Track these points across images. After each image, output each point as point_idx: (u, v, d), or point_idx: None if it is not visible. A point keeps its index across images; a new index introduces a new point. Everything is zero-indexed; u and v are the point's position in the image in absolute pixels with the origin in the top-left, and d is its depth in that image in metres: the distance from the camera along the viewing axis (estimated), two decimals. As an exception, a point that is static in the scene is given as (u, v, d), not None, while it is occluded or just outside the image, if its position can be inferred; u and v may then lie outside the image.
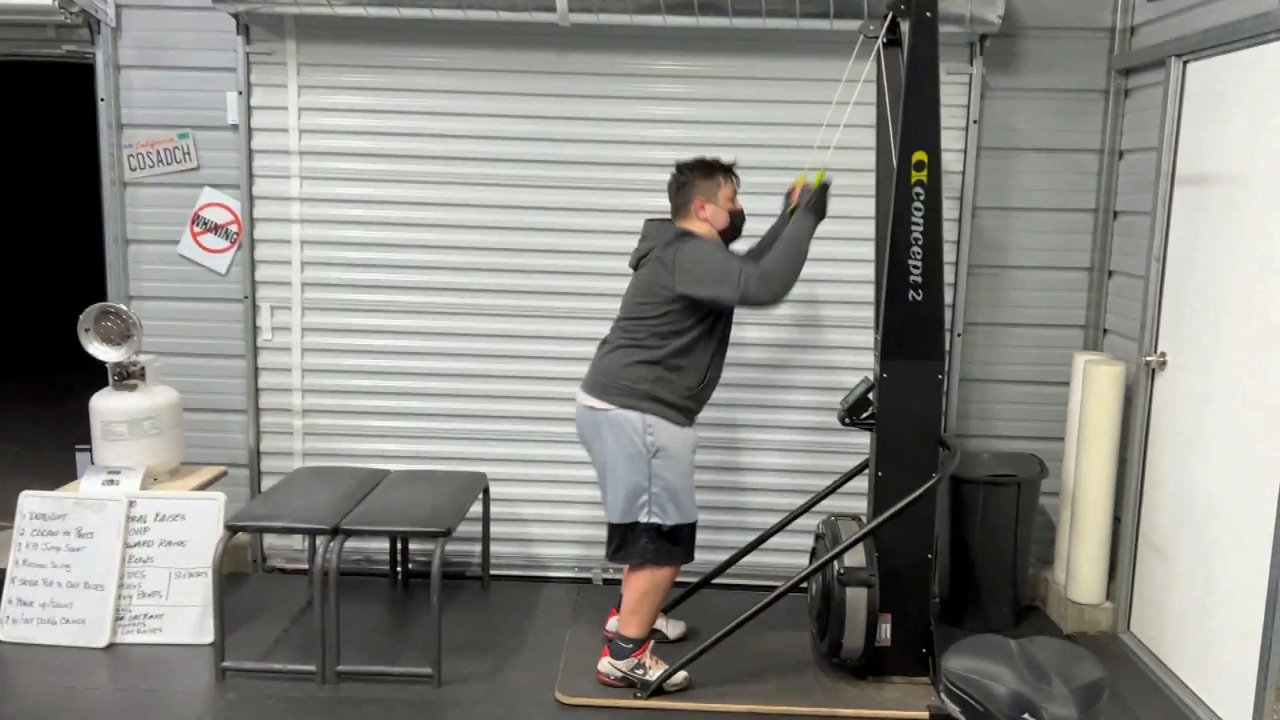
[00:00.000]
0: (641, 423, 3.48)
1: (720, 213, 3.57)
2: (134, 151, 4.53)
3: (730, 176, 3.59)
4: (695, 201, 3.55)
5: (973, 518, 4.15)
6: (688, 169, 3.58)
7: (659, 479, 3.50)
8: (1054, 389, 4.54)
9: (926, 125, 3.38)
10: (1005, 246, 4.50)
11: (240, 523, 3.70)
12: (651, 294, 3.48)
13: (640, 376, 3.49)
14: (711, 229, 3.57)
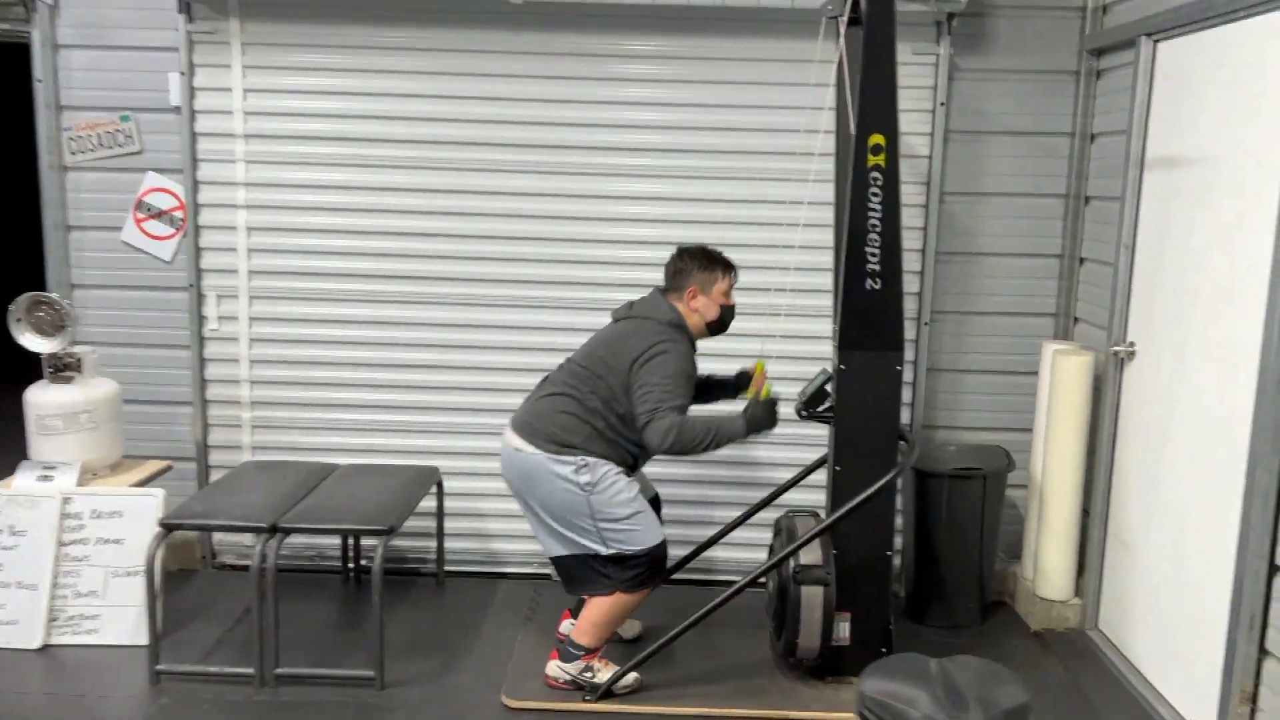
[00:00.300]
0: (573, 465, 3.34)
1: (712, 306, 3.47)
2: (74, 135, 4.37)
3: (729, 272, 3.50)
4: (689, 290, 3.45)
5: (937, 512, 4.04)
6: (688, 255, 3.48)
7: (602, 514, 3.36)
8: (1024, 379, 4.42)
9: (884, 107, 3.24)
10: (974, 233, 4.37)
11: (175, 520, 3.57)
12: (613, 361, 3.36)
13: (573, 429, 3.37)
14: (700, 319, 3.48)
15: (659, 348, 3.32)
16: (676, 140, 4.29)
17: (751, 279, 4.18)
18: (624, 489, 3.35)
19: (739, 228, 4.33)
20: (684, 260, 3.48)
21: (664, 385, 3.27)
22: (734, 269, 3.52)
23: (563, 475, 3.32)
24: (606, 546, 3.36)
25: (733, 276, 3.52)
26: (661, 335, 3.35)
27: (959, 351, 4.45)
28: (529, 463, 3.36)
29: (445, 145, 4.32)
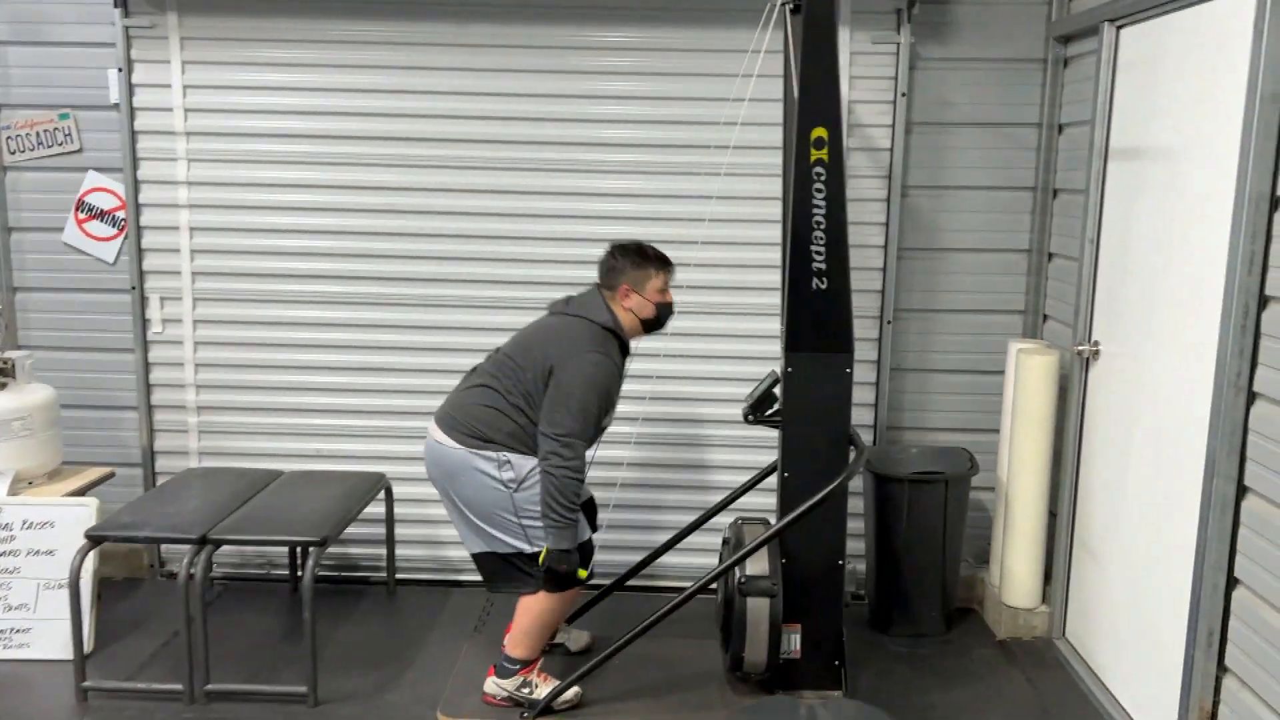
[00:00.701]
0: (495, 461, 3.22)
1: (646, 305, 3.32)
2: (13, 133, 4.26)
3: (664, 269, 3.34)
4: (621, 288, 3.31)
5: (897, 518, 3.90)
6: (620, 253, 3.33)
7: (526, 511, 3.24)
8: (992, 378, 4.28)
9: (826, 99, 3.10)
10: (939, 228, 4.23)
11: (102, 532, 3.46)
12: (540, 356, 3.23)
13: (495, 424, 3.24)
14: (634, 319, 3.33)
15: (584, 361, 3.18)
16: (633, 135, 4.16)
17: (697, 277, 4.05)
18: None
19: (679, 225, 4.18)
20: (616, 258, 3.34)
21: (577, 404, 3.14)
22: (669, 265, 3.38)
23: (485, 471, 3.20)
24: (531, 545, 3.24)
25: (668, 273, 3.38)
26: (590, 345, 3.21)
27: (924, 351, 4.31)
28: (450, 457, 3.24)
29: (392, 141, 4.19)
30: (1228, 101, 2.77)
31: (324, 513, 3.61)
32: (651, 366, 4.20)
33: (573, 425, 3.13)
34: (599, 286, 3.37)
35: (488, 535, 3.28)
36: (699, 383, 4.30)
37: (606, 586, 3.97)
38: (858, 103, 4.12)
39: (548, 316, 3.38)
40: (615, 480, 4.15)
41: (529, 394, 3.22)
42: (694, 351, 4.27)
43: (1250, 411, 2.70)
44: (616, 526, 4.34)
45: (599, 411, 3.20)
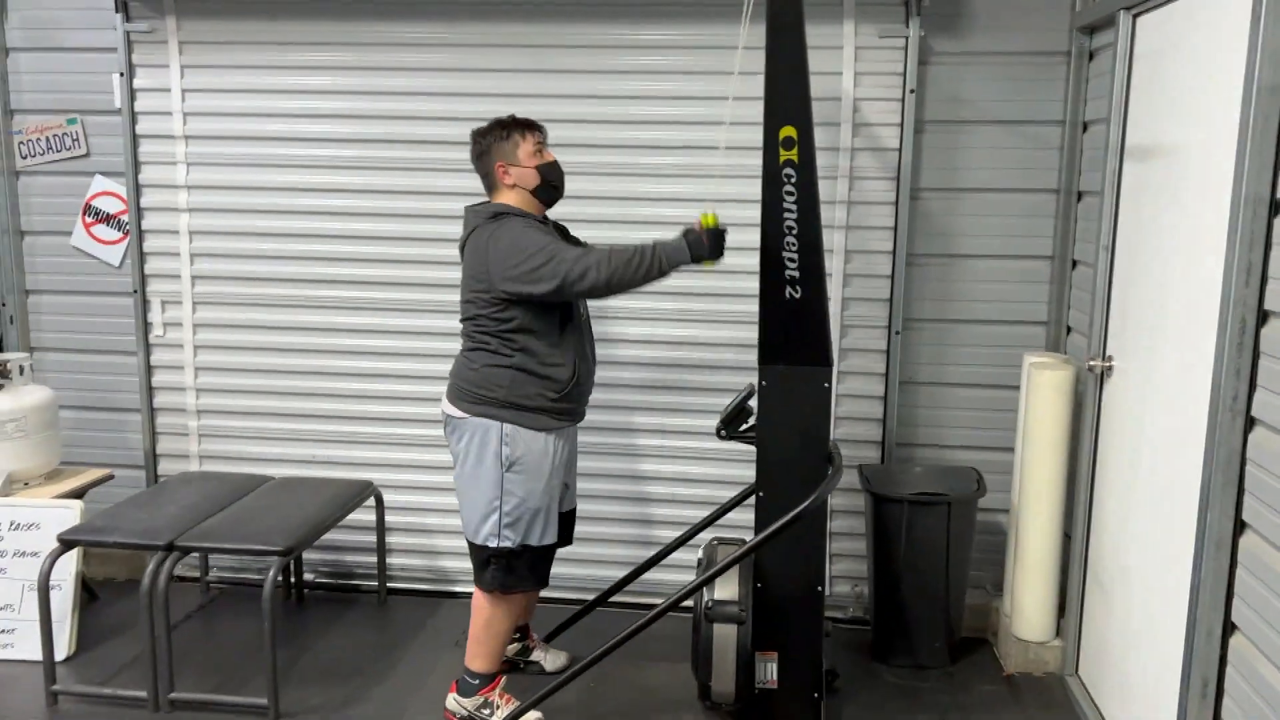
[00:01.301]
0: (499, 432, 3.11)
1: (526, 172, 3.14)
2: (24, 138, 4.33)
3: (529, 130, 3.16)
4: (497, 169, 3.15)
5: (897, 540, 3.67)
6: (479, 134, 3.18)
7: (511, 495, 3.13)
8: (1010, 394, 4.00)
9: (794, 95, 2.90)
10: (953, 233, 3.98)
11: (71, 536, 3.46)
12: (480, 288, 3.10)
13: (494, 382, 3.12)
14: (524, 195, 3.16)
15: (493, 230, 3.04)
16: (630, 135, 4.01)
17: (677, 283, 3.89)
18: (537, 475, 3.13)
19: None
20: (477, 142, 3.18)
21: (526, 245, 2.98)
22: (534, 125, 3.18)
23: (491, 438, 3.10)
24: (499, 538, 3.13)
25: (537, 133, 3.17)
26: (493, 225, 3.06)
27: (938, 363, 4.06)
28: (460, 426, 3.16)
29: (390, 144, 4.12)
30: (1226, 95, 2.50)
31: (297, 522, 3.55)
32: (632, 375, 4.06)
33: (559, 254, 2.97)
34: (484, 204, 3.22)
35: (476, 519, 3.17)
36: (675, 393, 4.13)
37: (589, 602, 3.83)
38: (864, 100, 3.90)
39: (463, 262, 3.22)
40: (599, 492, 4.01)
41: (504, 333, 3.07)
42: (668, 360, 4.11)
43: (1248, 439, 2.43)
44: (600, 540, 4.20)
45: (553, 248, 3.00)
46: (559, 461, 3.20)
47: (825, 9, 3.83)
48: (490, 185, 3.19)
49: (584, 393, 3.26)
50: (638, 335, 4.10)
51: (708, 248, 2.99)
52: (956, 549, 3.68)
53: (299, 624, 4.07)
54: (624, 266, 2.96)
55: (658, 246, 2.99)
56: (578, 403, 3.24)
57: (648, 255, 2.98)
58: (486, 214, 3.12)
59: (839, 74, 3.87)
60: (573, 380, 3.15)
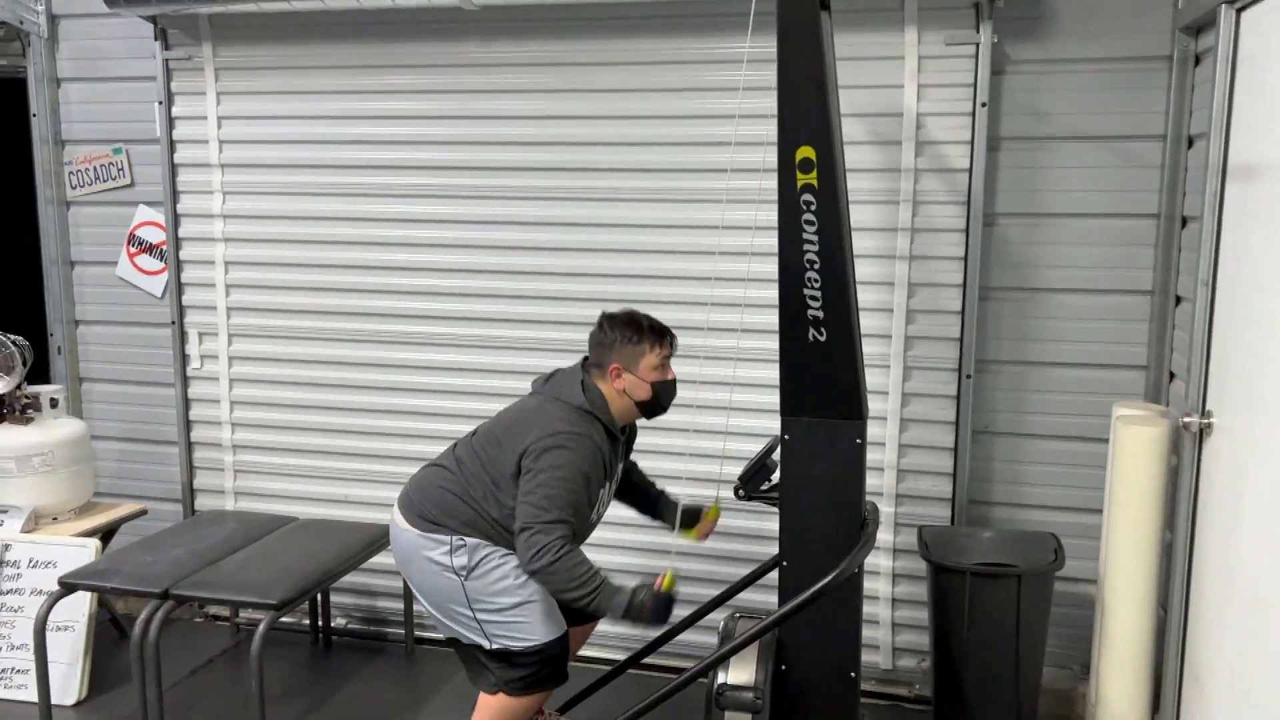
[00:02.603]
0: (446, 546, 2.81)
1: (640, 385, 2.86)
2: (74, 169, 4.31)
3: (660, 343, 2.87)
4: (611, 367, 2.86)
5: (958, 616, 3.21)
6: (609, 324, 2.88)
7: (481, 604, 2.81)
8: (1099, 448, 3.50)
9: (811, 112, 2.53)
10: (1034, 264, 3.51)
11: (72, 580, 3.34)
12: (507, 445, 2.81)
13: (451, 509, 2.83)
14: (628, 401, 2.87)
15: (556, 441, 2.73)
16: (680, 159, 3.70)
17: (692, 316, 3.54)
18: (509, 574, 2.80)
19: (681, 258, 3.69)
20: (605, 331, 2.88)
21: (549, 491, 2.69)
22: (668, 337, 2.88)
23: (433, 558, 2.81)
24: (489, 641, 2.82)
25: (666, 347, 2.88)
26: (563, 426, 2.76)
27: (1016, 411, 3.58)
28: (401, 539, 2.88)
29: (426, 170, 3.92)
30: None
31: (303, 572, 3.35)
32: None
33: (547, 517, 2.68)
34: (586, 362, 2.93)
35: (449, 625, 2.90)
36: (705, 438, 3.76)
37: (619, 664, 3.49)
38: (928, 115, 3.48)
39: (527, 397, 2.96)
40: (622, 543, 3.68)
41: (495, 483, 2.79)
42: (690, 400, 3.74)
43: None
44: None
45: (574, 500, 2.73)
46: None
47: (883, 15, 3.45)
48: (596, 368, 2.89)
49: None
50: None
51: (647, 618, 2.69)
52: (1028, 627, 3.19)
53: (322, 671, 3.88)
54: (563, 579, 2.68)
55: (604, 589, 2.69)
56: None
57: (592, 590, 2.68)
58: (577, 402, 2.81)
59: (900, 87, 3.47)
60: None
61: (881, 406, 3.61)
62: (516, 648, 2.80)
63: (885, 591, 3.70)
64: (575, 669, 3.61)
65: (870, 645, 3.69)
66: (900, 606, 3.72)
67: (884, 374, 3.60)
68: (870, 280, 3.55)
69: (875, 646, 3.72)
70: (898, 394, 3.60)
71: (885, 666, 3.74)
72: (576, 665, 3.68)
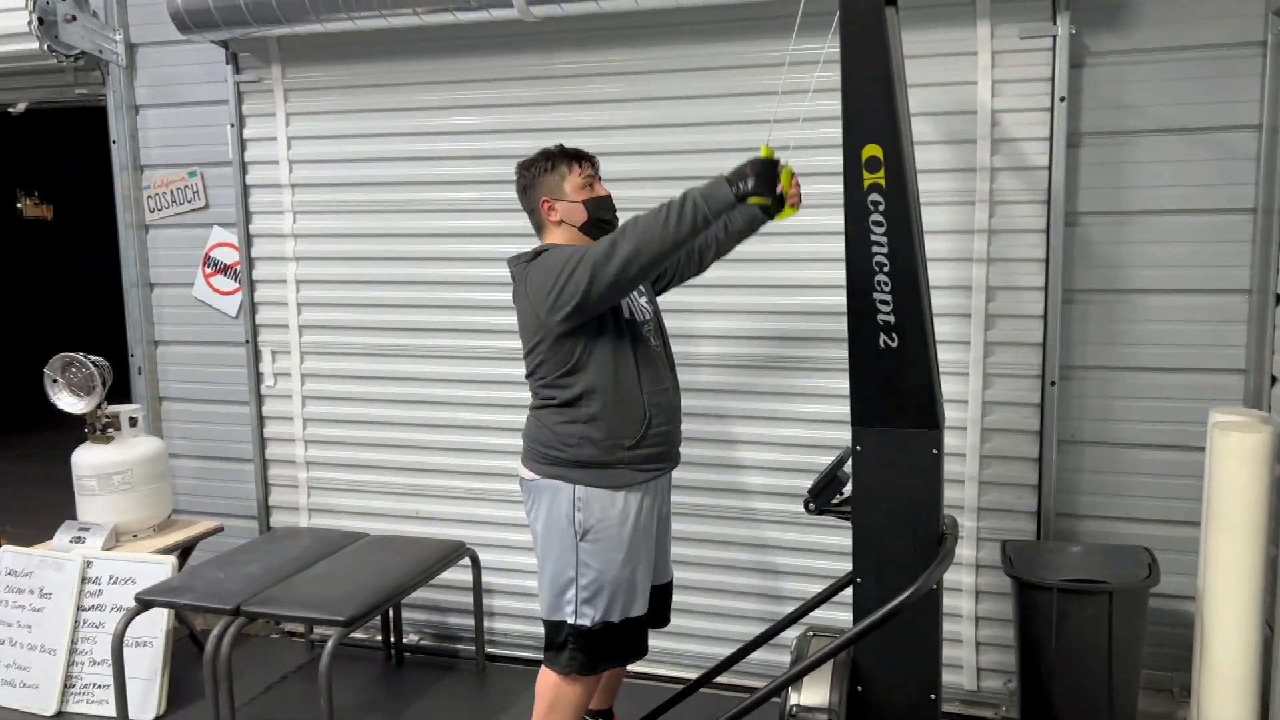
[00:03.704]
0: (570, 495, 2.78)
1: (574, 207, 2.81)
2: (153, 192, 4.41)
3: (577, 161, 2.84)
4: (542, 205, 2.84)
5: (1045, 635, 3.06)
6: (524, 166, 2.89)
7: (587, 568, 2.78)
8: (1195, 456, 3.31)
9: (877, 107, 2.43)
10: (1121, 264, 3.34)
11: (148, 596, 3.38)
12: (534, 338, 2.79)
13: (561, 439, 2.79)
14: (571, 230, 2.83)
15: (530, 265, 2.76)
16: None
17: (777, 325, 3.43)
18: (614, 542, 2.77)
19: (747, 266, 3.58)
20: (521, 175, 2.88)
21: (556, 257, 2.67)
22: (585, 156, 2.85)
23: (563, 503, 2.78)
24: (575, 614, 2.79)
25: (587, 165, 2.85)
26: (530, 261, 2.77)
27: (1105, 419, 3.41)
28: (531, 489, 2.87)
29: (491, 185, 3.89)
30: None
31: (373, 588, 3.34)
32: (733, 429, 3.62)
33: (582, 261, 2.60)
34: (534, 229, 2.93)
35: (549, 592, 2.86)
36: (780, 450, 3.65)
37: (691, 683, 3.41)
38: (1004, 112, 3.34)
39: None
40: (706, 560, 3.59)
41: (561, 377, 2.76)
42: (762, 413, 3.64)
43: None
44: (700, 613, 3.78)
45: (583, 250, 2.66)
46: (644, 524, 2.82)
47: (954, 10, 3.33)
48: (537, 224, 2.90)
49: (668, 435, 2.87)
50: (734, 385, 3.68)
51: (751, 179, 2.52)
52: (1122, 647, 3.02)
53: (393, 688, 3.87)
54: (651, 221, 2.57)
55: (689, 194, 2.58)
56: (663, 445, 2.85)
57: (678, 201, 2.57)
58: (526, 258, 2.81)
59: (973, 83, 3.35)
60: (644, 421, 2.77)
61: (960, 416, 3.47)
62: (596, 624, 2.78)
63: (968, 609, 3.55)
64: (646, 688, 3.57)
65: (953, 665, 3.54)
66: (984, 625, 3.56)
67: (962, 382, 3.46)
68: (946, 284, 3.42)
69: (958, 666, 3.57)
70: (978, 402, 3.46)
71: (969, 687, 3.58)
72: (648, 684, 3.64)
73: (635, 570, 2.82)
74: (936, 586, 2.62)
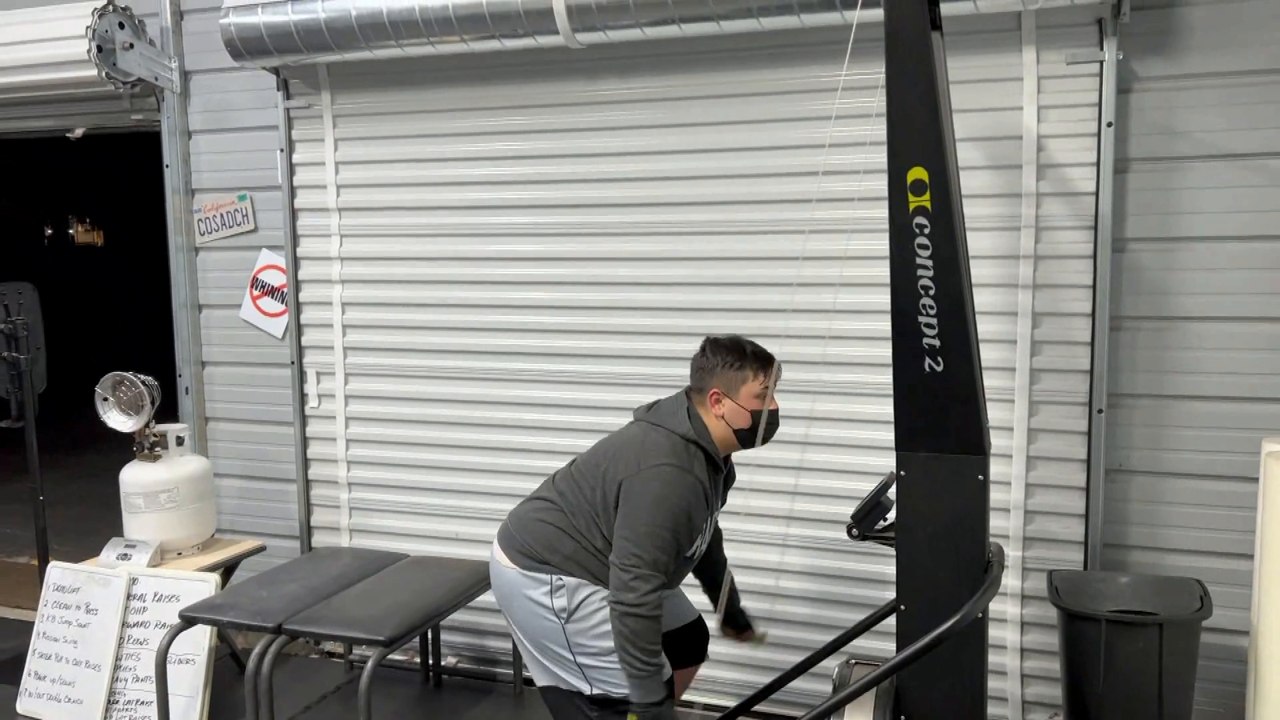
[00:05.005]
0: (546, 586, 2.75)
1: (740, 413, 2.77)
2: (202, 216, 4.49)
3: (763, 370, 2.77)
4: (711, 392, 2.78)
5: (1093, 667, 3.00)
6: (713, 350, 2.80)
7: (582, 648, 2.74)
8: (1247, 487, 3.25)
9: (922, 130, 2.43)
10: (1170, 291, 3.30)
11: (192, 614, 3.41)
12: (609, 472, 2.75)
13: (552, 544, 2.77)
14: (726, 430, 2.78)
15: (658, 474, 2.66)
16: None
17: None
18: (603, 616, 2.72)
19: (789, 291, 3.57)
20: (707, 355, 2.80)
21: (651, 528, 2.62)
22: (771, 364, 2.79)
23: (534, 598, 2.75)
24: (590, 685, 2.75)
25: (768, 375, 2.78)
26: (667, 459, 2.68)
27: (1154, 449, 3.36)
28: (503, 577, 2.84)
29: (535, 209, 3.93)
30: None
31: (413, 608, 3.35)
32: (772, 454, 3.60)
33: (642, 554, 2.60)
34: (688, 390, 2.86)
35: (546, 669, 2.83)
36: (816, 475, 3.62)
37: (730, 710, 3.38)
38: (1050, 138, 3.33)
39: (629, 425, 2.91)
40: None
41: (596, 513, 2.74)
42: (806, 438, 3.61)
43: None
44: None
45: (674, 537, 2.64)
46: None
47: (999, 35, 3.32)
48: (697, 394, 2.83)
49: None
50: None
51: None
52: (1173, 680, 2.96)
53: (431, 710, 3.87)
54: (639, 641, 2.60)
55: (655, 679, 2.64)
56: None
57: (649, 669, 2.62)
58: (680, 430, 2.73)
59: (1019, 109, 3.33)
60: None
61: (1006, 443, 3.43)
62: (618, 694, 2.72)
63: (1013, 640, 3.49)
64: (684, 715, 3.53)
65: (998, 697, 3.48)
66: (1030, 656, 3.50)
67: (1008, 409, 3.42)
68: (992, 310, 3.40)
69: (1003, 699, 3.51)
70: (1023, 430, 3.42)
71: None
72: (686, 711, 3.61)
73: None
74: (982, 615, 2.59)
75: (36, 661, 3.88)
